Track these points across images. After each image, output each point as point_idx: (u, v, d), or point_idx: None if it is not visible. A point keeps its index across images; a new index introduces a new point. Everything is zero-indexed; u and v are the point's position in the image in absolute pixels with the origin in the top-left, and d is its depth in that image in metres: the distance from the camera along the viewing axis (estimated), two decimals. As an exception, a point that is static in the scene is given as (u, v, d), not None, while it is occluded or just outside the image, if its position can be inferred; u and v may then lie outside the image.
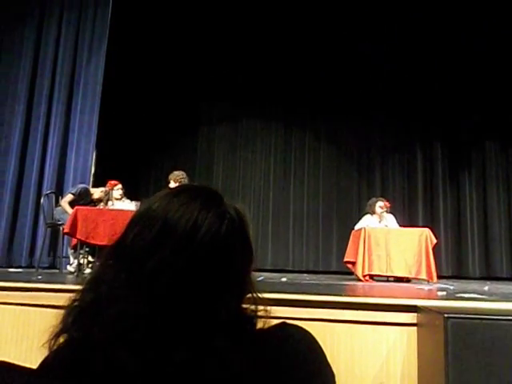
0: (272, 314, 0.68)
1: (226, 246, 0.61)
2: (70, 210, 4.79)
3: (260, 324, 0.66)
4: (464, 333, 2.00)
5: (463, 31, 7.43)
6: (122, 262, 0.59)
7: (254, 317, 0.66)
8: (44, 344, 0.64)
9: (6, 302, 2.97)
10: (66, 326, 0.60)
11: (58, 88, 6.11)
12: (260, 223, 8.14)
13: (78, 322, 0.58)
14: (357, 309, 2.43)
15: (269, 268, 7.49)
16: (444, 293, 3.37)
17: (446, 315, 2.02)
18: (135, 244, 0.59)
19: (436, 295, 3.35)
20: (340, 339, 2.40)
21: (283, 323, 0.65)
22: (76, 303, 0.61)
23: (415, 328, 2.40)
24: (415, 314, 2.42)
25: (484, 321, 2.02)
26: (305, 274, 6.92)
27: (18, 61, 6.18)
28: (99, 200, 5.30)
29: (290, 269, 7.72)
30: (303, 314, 2.45)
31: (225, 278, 0.61)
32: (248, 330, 0.64)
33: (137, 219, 0.63)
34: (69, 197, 5.09)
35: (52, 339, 0.61)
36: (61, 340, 0.61)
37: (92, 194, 5.33)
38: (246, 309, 0.66)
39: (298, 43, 7.81)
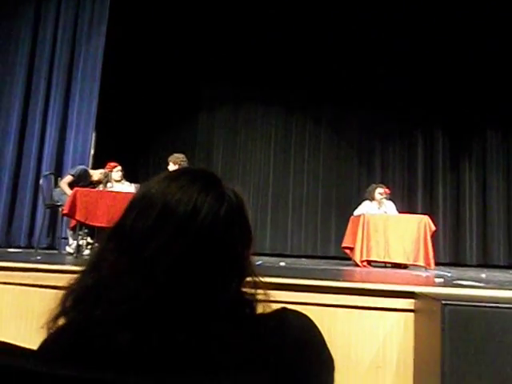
0: (270, 298, 0.68)
1: (226, 229, 0.61)
2: (69, 192, 4.79)
3: (260, 308, 0.66)
4: (461, 320, 2.02)
5: (465, 20, 7.33)
6: (123, 246, 0.59)
7: (253, 300, 0.65)
8: (43, 326, 0.63)
9: (5, 282, 2.99)
10: (65, 309, 0.60)
11: (57, 70, 6.04)
12: (259, 208, 8.15)
13: (78, 305, 0.58)
14: (355, 294, 2.44)
15: (267, 252, 7.52)
16: (441, 280, 3.38)
17: (443, 302, 2.03)
18: (135, 227, 0.59)
19: (433, 282, 3.36)
20: (338, 324, 2.42)
21: (283, 308, 0.65)
22: (76, 286, 0.60)
23: (412, 314, 2.42)
24: (413, 300, 2.44)
25: (481, 308, 2.03)
26: (303, 259, 6.96)
27: (16, 43, 6.10)
28: (98, 182, 5.29)
29: (289, 253, 7.75)
30: (301, 299, 2.46)
31: (224, 260, 0.61)
32: (248, 313, 0.64)
33: (136, 202, 0.63)
34: (68, 178, 5.07)
35: (51, 321, 0.60)
36: (60, 322, 0.61)
37: (91, 176, 5.32)
38: (245, 292, 0.65)
39: (300, 27, 7.70)
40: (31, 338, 2.92)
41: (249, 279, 0.66)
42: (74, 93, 6.01)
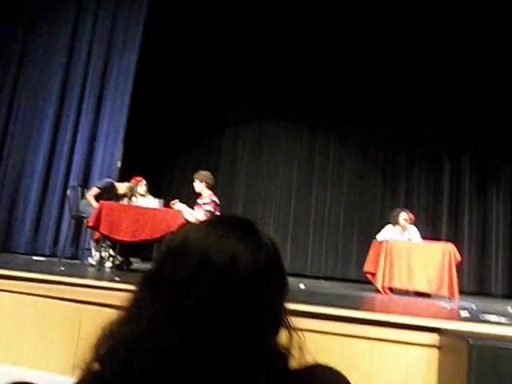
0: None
1: (265, 278, 0.61)
2: (94, 204, 4.87)
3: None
4: (488, 361, 1.95)
5: (495, 42, 7.24)
6: (161, 295, 0.59)
7: (288, 353, 0.64)
8: (75, 366, 0.64)
9: (30, 293, 3.04)
10: (100, 356, 0.60)
11: (90, 82, 6.20)
12: (280, 226, 8.13)
13: (114, 355, 0.58)
14: (377, 325, 2.39)
15: (287, 272, 7.43)
16: (467, 313, 3.28)
17: (470, 341, 1.97)
18: (174, 277, 0.59)
19: (458, 315, 3.27)
20: (358, 356, 2.36)
21: (316, 364, 0.64)
22: (113, 333, 0.60)
23: (436, 350, 2.35)
24: (437, 336, 2.37)
25: (510, 349, 1.96)
26: (322, 281, 6.89)
27: (53, 53, 6.30)
28: (123, 195, 5.37)
29: (308, 274, 7.68)
30: (322, 327, 2.42)
31: (263, 311, 0.60)
32: (282, 368, 0.63)
33: (174, 249, 0.62)
34: (94, 190, 5.16)
35: (85, 365, 0.61)
36: (94, 367, 0.61)
37: (117, 189, 5.40)
38: (280, 344, 0.65)
39: (328, 48, 7.75)
40: (52, 348, 2.95)
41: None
42: (105, 106, 6.15)
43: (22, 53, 6.36)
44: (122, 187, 5.39)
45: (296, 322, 0.67)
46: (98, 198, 5.09)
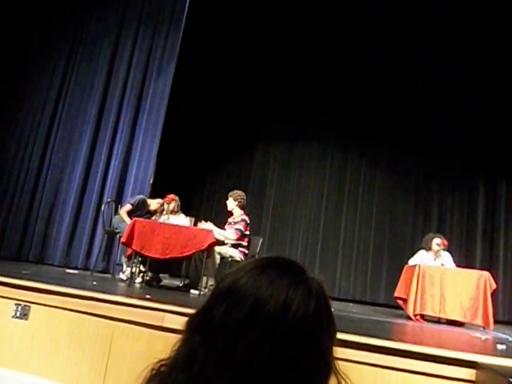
0: None
1: (315, 325, 0.61)
2: (127, 220, 4.98)
3: None
4: (530, 401, 1.86)
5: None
6: (212, 341, 0.59)
7: None
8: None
9: (63, 308, 3.11)
10: None
11: (126, 102, 6.39)
12: (309, 247, 8.07)
13: None
14: (412, 358, 2.33)
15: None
16: (504, 346, 3.16)
17: (510, 379, 1.89)
18: (225, 322, 0.59)
19: (495, 348, 3.15)
20: (391, 388, 2.30)
21: None
22: (163, 377, 0.61)
23: (473, 386, 2.27)
24: (474, 371, 2.29)
25: (553, 390, 1.87)
26: (351, 304, 6.76)
27: (93, 75, 6.54)
28: (155, 211, 5.47)
29: (336, 296, 7.55)
30: (354, 357, 2.38)
31: (315, 358, 0.60)
32: None
33: (223, 294, 0.62)
34: (127, 207, 5.28)
35: None
36: None
37: (149, 205, 5.51)
38: None
39: (356, 68, 7.74)
40: (83, 363, 3.00)
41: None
42: (140, 125, 6.31)
43: (63, 75, 6.62)
44: (153, 203, 5.50)
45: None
46: (130, 214, 5.20)
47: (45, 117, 6.51)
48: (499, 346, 3.15)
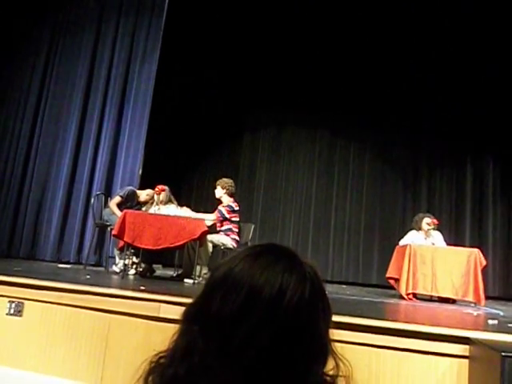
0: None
1: (311, 309, 0.61)
2: (118, 212, 4.95)
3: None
4: (522, 373, 1.91)
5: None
6: (210, 331, 0.59)
7: (335, 383, 0.65)
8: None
9: (58, 303, 3.10)
10: None
11: (111, 92, 6.31)
12: (301, 232, 8.11)
13: None
14: (405, 336, 2.37)
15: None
16: (495, 321, 3.22)
17: (503, 353, 1.93)
18: (222, 311, 0.59)
19: (487, 323, 3.21)
20: (386, 367, 2.34)
21: None
22: (163, 368, 0.61)
23: (467, 361, 2.31)
24: (467, 347, 2.33)
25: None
26: (344, 286, 6.83)
27: (76, 64, 6.44)
28: (145, 202, 5.44)
29: (329, 279, 7.62)
30: (348, 337, 2.41)
31: (310, 341, 0.61)
32: None
33: (218, 283, 0.62)
34: (117, 199, 5.24)
35: None
36: None
37: (138, 196, 5.48)
38: (327, 374, 0.65)
39: (343, 52, 7.71)
40: (80, 356, 3.00)
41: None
42: (126, 115, 6.25)
43: (45, 65, 6.52)
44: (143, 194, 5.47)
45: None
46: (120, 205, 5.17)
47: (29, 108, 6.44)
48: (491, 322, 3.21)
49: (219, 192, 5.22)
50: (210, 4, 7.28)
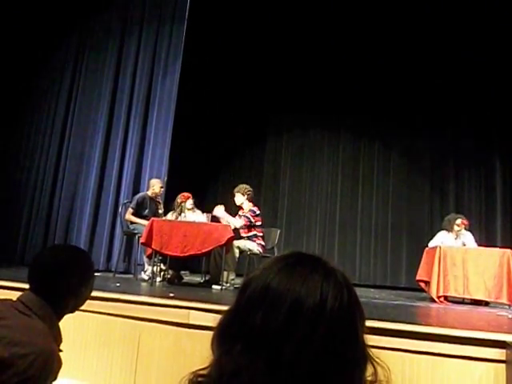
0: None
1: (351, 315, 0.62)
2: (137, 220, 5.22)
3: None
4: None
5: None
6: (255, 348, 0.58)
7: None
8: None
9: (89, 310, 3.15)
10: None
11: (135, 103, 6.43)
12: (327, 235, 8.04)
13: None
14: (439, 341, 2.32)
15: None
16: (532, 324, 3.12)
17: (542, 357, 1.87)
18: (266, 328, 0.58)
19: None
20: (420, 372, 2.30)
21: None
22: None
23: (503, 365, 2.25)
24: (503, 351, 2.27)
25: None
26: (372, 289, 6.74)
27: (101, 77, 6.59)
28: (156, 195, 5.54)
29: (357, 283, 7.51)
30: (381, 343, 2.37)
31: (354, 347, 0.60)
32: None
33: (257, 297, 0.61)
34: (130, 211, 5.36)
35: None
36: None
37: (149, 196, 5.50)
38: (366, 380, 0.64)
39: (369, 53, 7.64)
40: (113, 364, 3.05)
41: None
42: (150, 126, 6.35)
43: (72, 79, 6.70)
44: (157, 185, 5.53)
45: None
46: (138, 214, 5.29)
47: (56, 123, 6.59)
48: (527, 324, 3.12)
49: (240, 199, 5.21)
50: (232, 9, 7.32)
